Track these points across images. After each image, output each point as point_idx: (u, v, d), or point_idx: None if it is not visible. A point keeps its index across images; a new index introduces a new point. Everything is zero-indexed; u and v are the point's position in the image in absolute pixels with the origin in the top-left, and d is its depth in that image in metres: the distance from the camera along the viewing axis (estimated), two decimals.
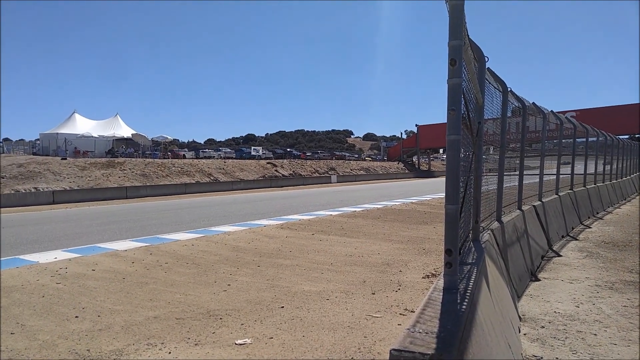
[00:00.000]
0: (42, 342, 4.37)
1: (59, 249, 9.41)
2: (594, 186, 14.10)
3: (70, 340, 4.40)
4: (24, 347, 4.26)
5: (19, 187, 23.97)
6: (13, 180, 24.54)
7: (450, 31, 2.45)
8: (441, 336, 1.70)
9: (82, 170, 28.60)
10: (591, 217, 12.36)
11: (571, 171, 11.74)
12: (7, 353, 4.08)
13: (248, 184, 35.15)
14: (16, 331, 4.67)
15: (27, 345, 4.30)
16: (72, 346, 4.25)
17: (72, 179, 26.89)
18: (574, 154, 11.73)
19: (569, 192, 11.26)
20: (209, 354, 4.01)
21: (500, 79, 5.36)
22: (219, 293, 5.95)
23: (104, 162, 31.51)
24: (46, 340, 4.40)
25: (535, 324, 4.46)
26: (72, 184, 26.37)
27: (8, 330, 4.67)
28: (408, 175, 56.07)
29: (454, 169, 2.45)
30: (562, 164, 10.65)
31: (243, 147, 64.61)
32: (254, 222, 13.13)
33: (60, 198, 23.44)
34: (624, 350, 3.76)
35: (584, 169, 13.16)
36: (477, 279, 2.65)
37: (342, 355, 3.88)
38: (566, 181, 11.51)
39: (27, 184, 24.53)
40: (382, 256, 8.08)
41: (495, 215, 5.45)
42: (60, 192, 24.10)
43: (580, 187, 12.65)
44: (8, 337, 4.50)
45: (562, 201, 10.07)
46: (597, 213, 13.13)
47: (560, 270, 6.70)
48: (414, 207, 16.85)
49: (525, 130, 7.14)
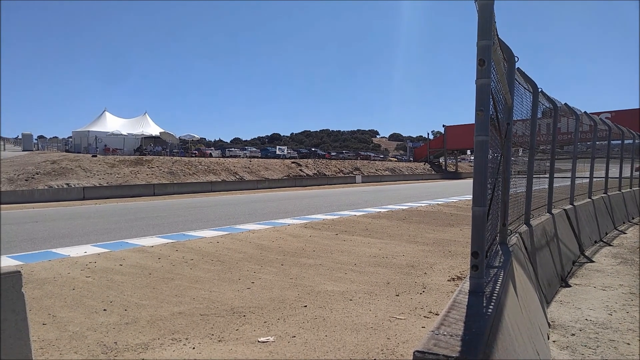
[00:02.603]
0: (72, 333, 4.51)
1: (88, 243, 9.71)
2: (629, 190, 13.61)
3: (99, 332, 4.53)
4: (55, 337, 4.40)
5: (52, 183, 24.84)
6: (47, 177, 25.43)
7: (479, 31, 2.40)
8: (466, 339, 1.67)
9: (111, 167, 29.40)
10: (626, 222, 11.93)
11: (605, 174, 11.36)
12: (38, 343, 4.20)
13: (273, 183, 35.42)
14: (48, 322, 4.83)
15: (58, 335, 4.44)
16: (100, 338, 4.36)
17: (101, 176, 27.67)
18: (609, 157, 11.34)
19: (603, 195, 10.89)
20: (232, 350, 4.05)
21: (530, 79, 5.24)
22: (242, 290, 6.01)
23: (133, 160, 32.27)
24: (76, 332, 4.54)
25: (565, 331, 4.33)
26: (102, 180, 27.13)
27: (40, 321, 4.82)
28: (434, 177, 55.40)
29: (481, 171, 2.41)
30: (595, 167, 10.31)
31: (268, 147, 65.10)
32: (278, 221, 13.22)
33: (90, 194, 24.18)
34: None
35: (619, 172, 12.72)
36: (503, 283, 2.59)
37: (364, 356, 3.86)
38: (600, 185, 11.15)
39: (59, 180, 25.39)
40: (406, 258, 8.01)
41: (523, 218, 5.33)
42: (90, 189, 24.85)
43: (615, 190, 12.23)
44: (40, 327, 4.64)
45: (595, 205, 9.75)
46: (633, 218, 12.67)
47: (593, 276, 6.48)
48: (440, 209, 16.62)
49: (556, 131, 6.95)
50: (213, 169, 34.80)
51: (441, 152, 64.77)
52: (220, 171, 34.95)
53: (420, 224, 12.58)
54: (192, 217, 14.58)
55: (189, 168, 33.35)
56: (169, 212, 16.34)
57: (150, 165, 31.71)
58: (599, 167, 10.67)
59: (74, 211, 17.38)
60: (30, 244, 9.83)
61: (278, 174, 38.96)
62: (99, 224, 13.17)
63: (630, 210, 12.84)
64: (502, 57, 3.48)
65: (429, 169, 59.51)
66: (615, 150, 12.44)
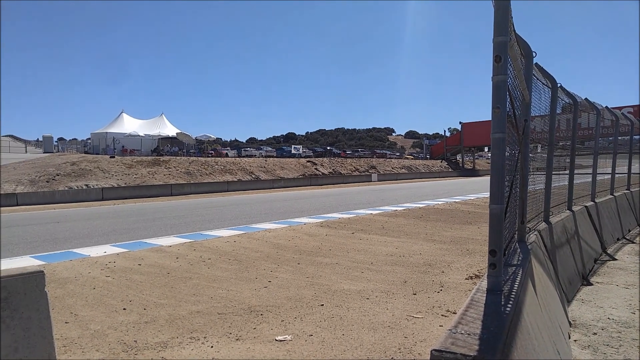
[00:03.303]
0: (93, 331, 4.60)
1: (108, 243, 9.88)
2: None
3: (119, 331, 4.61)
4: (77, 335, 4.49)
5: (72, 184, 25.34)
6: (67, 178, 25.96)
7: (495, 27, 2.37)
8: (484, 338, 1.65)
9: (129, 168, 29.85)
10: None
11: (628, 170, 11.11)
12: (61, 341, 4.29)
13: (288, 182, 35.52)
14: (70, 320, 4.93)
15: (80, 334, 4.54)
16: (121, 337, 4.44)
17: (119, 177, 28.12)
18: (631, 152, 11.08)
19: (626, 192, 10.65)
20: (249, 349, 4.08)
21: (549, 74, 5.15)
22: (259, 289, 6.05)
23: (150, 160, 32.71)
24: (97, 330, 4.62)
25: (587, 330, 4.26)
26: (120, 181, 27.57)
27: (62, 320, 4.93)
28: (451, 174, 54.86)
29: (498, 168, 2.38)
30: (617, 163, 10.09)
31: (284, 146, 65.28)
32: (294, 220, 13.26)
33: (108, 195, 24.59)
34: None
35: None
36: (522, 281, 2.56)
37: (382, 355, 3.85)
38: (622, 181, 10.91)
39: (79, 181, 25.89)
40: (424, 256, 7.96)
41: (542, 215, 5.24)
42: (108, 189, 25.27)
43: (638, 187, 11.95)
44: (62, 326, 4.75)
45: (617, 202, 9.54)
46: None
47: (615, 274, 6.35)
48: (458, 207, 16.46)
49: (576, 127, 6.82)
50: (229, 169, 35.07)
51: (458, 149, 64.08)
52: (236, 171, 35.20)
53: (437, 222, 12.48)
54: (209, 217, 14.72)
55: (206, 168, 33.67)
56: (186, 212, 16.52)
57: (167, 165, 32.11)
58: (621, 162, 10.44)
59: (93, 211, 17.71)
60: (52, 244, 10.05)
61: (293, 173, 39.06)
62: (118, 224, 13.40)
63: None
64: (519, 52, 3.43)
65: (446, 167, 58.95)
66: (639, 146, 12.15)
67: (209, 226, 12.35)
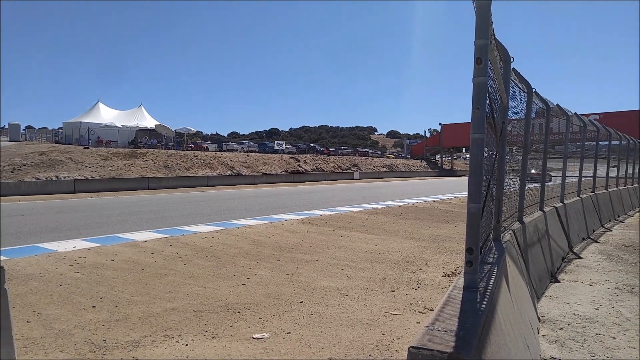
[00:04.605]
0: (58, 331, 4.35)
1: (78, 238, 9.55)
2: (615, 189, 13.97)
3: (87, 330, 4.40)
4: (40, 335, 4.24)
5: (41, 175, 24.53)
6: (35, 168, 25.02)
7: (477, 30, 2.43)
8: (460, 335, 1.70)
9: (104, 160, 29.14)
10: (612, 220, 12.20)
11: (593, 174, 11.59)
12: (22, 341, 4.05)
13: (270, 178, 35.36)
14: (32, 319, 4.66)
15: (43, 334, 4.28)
16: (89, 336, 4.23)
17: (94, 169, 27.42)
18: (597, 157, 11.57)
19: (591, 194, 11.08)
20: (226, 347, 4.04)
21: (525, 79, 5.29)
22: (237, 286, 6.01)
23: (127, 153, 32.00)
24: (62, 330, 4.38)
25: (554, 325, 4.40)
26: (94, 173, 26.91)
27: (24, 319, 4.64)
28: (431, 174, 55.64)
29: (477, 168, 2.44)
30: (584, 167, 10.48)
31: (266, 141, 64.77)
32: (275, 217, 13.22)
33: (81, 187, 23.84)
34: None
35: (606, 172, 13.05)
36: (497, 279, 2.63)
37: (360, 352, 3.89)
38: (588, 184, 11.34)
39: (48, 172, 25.07)
40: (402, 254, 8.06)
41: (517, 215, 5.39)
42: (81, 181, 24.58)
43: (602, 190, 12.49)
44: (24, 325, 4.47)
45: (583, 203, 9.91)
46: (619, 216, 12.99)
47: (581, 272, 6.58)
48: (436, 206, 16.71)
49: (548, 131, 7.02)
50: (209, 163, 34.66)
51: (437, 150, 65.09)
52: (216, 165, 34.81)
53: (416, 220, 12.65)
54: (187, 212, 14.54)
55: (185, 162, 33.20)
56: (163, 207, 16.28)
57: (144, 158, 31.49)
58: (587, 166, 10.85)
59: (64, 204, 17.22)
60: (14, 238, 9.51)
61: (276, 169, 38.90)
62: (90, 217, 13.07)
63: (616, 208, 13.11)
64: (498, 57, 3.51)
65: (425, 167, 59.75)
66: (603, 151, 12.70)
67: (187, 221, 12.20)
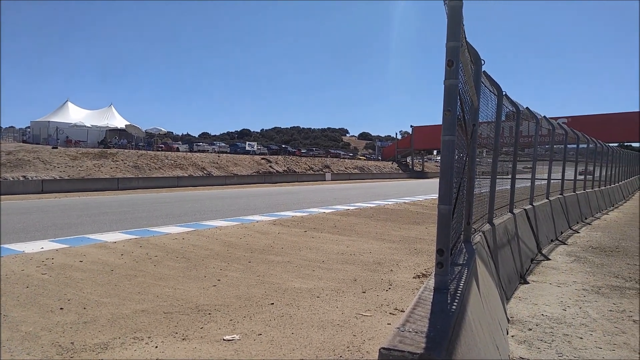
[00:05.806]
0: (24, 333, 4.29)
1: (46, 239, 9.31)
2: (583, 192, 14.27)
3: (54, 332, 4.33)
4: (6, 338, 4.18)
5: (7, 175, 23.70)
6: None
7: (449, 32, 2.44)
8: (430, 336, 1.70)
9: (73, 160, 28.34)
10: (580, 222, 12.50)
11: (562, 176, 11.86)
12: None
13: (242, 179, 35.08)
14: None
15: (9, 336, 4.22)
16: (56, 338, 4.17)
17: (62, 169, 26.64)
18: (565, 160, 11.86)
19: (559, 197, 11.35)
20: (196, 349, 3.98)
21: (495, 82, 5.38)
22: (208, 288, 5.92)
23: (96, 153, 31.26)
24: (29, 332, 4.32)
25: (523, 326, 4.49)
26: (63, 173, 26.13)
27: None
28: (402, 176, 56.34)
29: (447, 170, 2.45)
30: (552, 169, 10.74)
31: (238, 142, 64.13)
32: (246, 218, 13.10)
33: (49, 187, 23.20)
34: (609, 354, 3.80)
35: (574, 174, 13.33)
36: (467, 280, 2.65)
37: (330, 354, 3.87)
38: (556, 186, 11.62)
39: (15, 172, 24.25)
40: (373, 255, 8.09)
41: (487, 217, 5.48)
42: (49, 182, 23.86)
43: (570, 192, 12.79)
44: None
45: (552, 206, 10.15)
46: (586, 218, 13.28)
47: (549, 273, 6.75)
48: (407, 207, 16.90)
49: (518, 134, 7.18)
50: (180, 164, 34.13)
51: (409, 152, 65.98)
52: (187, 166, 34.31)
53: (387, 221, 12.75)
54: (157, 213, 14.25)
55: (155, 162, 32.59)
56: (133, 207, 15.90)
57: (114, 158, 30.78)
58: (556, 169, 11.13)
59: (31, 205, 16.65)
60: None
61: (247, 170, 38.60)
62: (59, 218, 12.67)
63: (584, 211, 13.47)
64: (469, 59, 3.55)
65: (397, 168, 60.45)
66: (571, 154, 13.03)
67: (157, 222, 11.95)
